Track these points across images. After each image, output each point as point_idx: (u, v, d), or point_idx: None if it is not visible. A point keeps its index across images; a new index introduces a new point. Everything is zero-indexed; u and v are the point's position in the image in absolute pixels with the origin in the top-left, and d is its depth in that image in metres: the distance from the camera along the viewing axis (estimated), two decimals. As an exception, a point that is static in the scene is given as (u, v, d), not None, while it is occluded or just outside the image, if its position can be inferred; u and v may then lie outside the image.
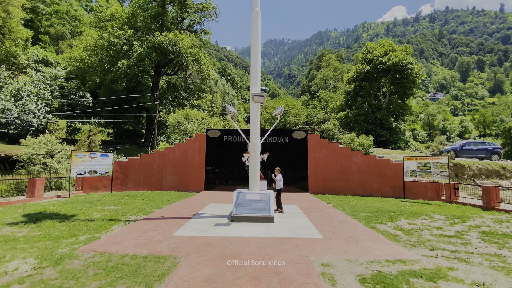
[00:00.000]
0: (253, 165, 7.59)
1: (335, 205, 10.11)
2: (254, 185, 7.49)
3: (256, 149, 7.56)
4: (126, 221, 6.98)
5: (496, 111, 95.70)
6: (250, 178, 7.59)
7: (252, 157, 7.63)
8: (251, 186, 7.53)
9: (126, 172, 14.29)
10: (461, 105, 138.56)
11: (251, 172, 7.59)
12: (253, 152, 7.60)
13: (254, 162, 7.59)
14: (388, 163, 13.78)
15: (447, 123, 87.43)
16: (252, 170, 7.58)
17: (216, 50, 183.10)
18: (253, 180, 7.52)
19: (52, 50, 50.92)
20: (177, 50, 31.23)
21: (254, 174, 7.54)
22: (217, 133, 14.59)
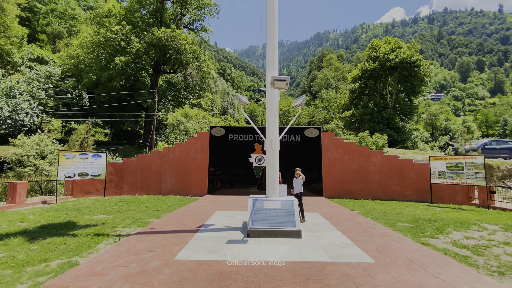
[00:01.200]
0: (271, 166, 6.26)
1: (362, 212, 8.78)
2: (272, 190, 6.16)
3: (274, 147, 6.25)
4: (117, 236, 5.62)
5: (498, 111, 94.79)
6: (268, 181, 6.26)
7: (270, 157, 6.30)
8: (269, 191, 6.19)
9: (121, 175, 12.93)
10: (462, 105, 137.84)
11: (269, 174, 6.26)
12: (270, 151, 6.28)
13: (272, 163, 6.27)
14: (411, 163, 12.47)
15: (450, 123, 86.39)
16: (270, 172, 6.25)
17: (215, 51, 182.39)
18: (271, 184, 6.19)
19: (49, 49, 49.61)
20: (176, 47, 29.93)
21: (273, 177, 6.22)
22: (221, 131, 13.25)
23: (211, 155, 13.10)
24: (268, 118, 6.43)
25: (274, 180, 6.22)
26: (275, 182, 6.22)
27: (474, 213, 9.03)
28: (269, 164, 6.30)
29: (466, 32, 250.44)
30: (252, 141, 13.13)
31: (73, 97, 35.40)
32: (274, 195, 6.16)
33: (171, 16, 36.44)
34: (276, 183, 6.22)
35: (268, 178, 6.29)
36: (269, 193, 6.20)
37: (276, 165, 6.28)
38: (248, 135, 13.17)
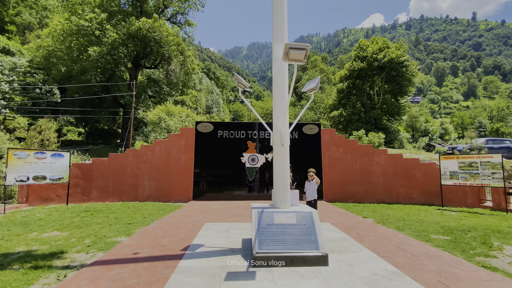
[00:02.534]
0: (280, 167, 4.78)
1: (378, 220, 7.51)
2: (283, 199, 4.67)
3: (284, 141, 4.77)
4: (63, 269, 3.88)
5: (473, 113, 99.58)
6: (277, 186, 4.76)
7: (279, 154, 4.81)
8: (278, 200, 4.70)
9: (89, 178, 10.91)
10: (438, 108, 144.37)
11: (278, 177, 4.77)
12: (279, 146, 4.79)
13: (281, 162, 4.78)
14: (418, 163, 11.49)
15: (429, 125, 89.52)
16: (279, 174, 4.76)
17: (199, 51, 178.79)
18: (281, 191, 4.70)
19: (18, 41, 45.27)
20: (158, 39, 27.78)
21: (282, 180, 4.73)
22: (209, 127, 11.60)
23: (197, 155, 11.40)
24: (276, 103, 4.95)
25: (285, 184, 4.74)
26: (286, 187, 4.74)
27: (497, 218, 8.06)
28: (278, 164, 4.82)
29: (441, 38, 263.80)
30: (245, 139, 11.60)
31: (42, 92, 32.14)
32: (285, 204, 4.67)
33: (153, 7, 34.10)
34: (287, 189, 4.74)
35: (276, 182, 4.80)
36: (278, 201, 4.70)
37: (286, 165, 4.80)
38: (240, 131, 11.62)
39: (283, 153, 4.81)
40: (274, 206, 4.79)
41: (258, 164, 11.48)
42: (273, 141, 4.90)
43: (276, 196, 4.75)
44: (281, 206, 4.67)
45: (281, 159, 4.80)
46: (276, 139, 4.83)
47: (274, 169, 4.88)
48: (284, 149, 4.81)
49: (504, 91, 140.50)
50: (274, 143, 4.88)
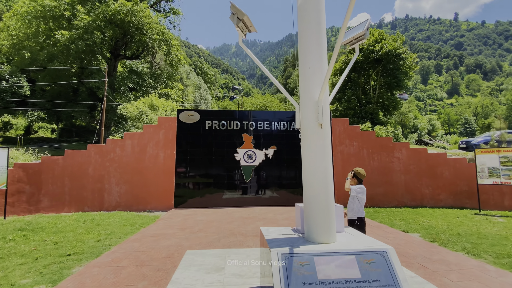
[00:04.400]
0: (318, 163, 2.64)
1: (425, 235, 5.54)
2: (324, 222, 2.54)
3: (324, 118, 2.62)
4: None
5: (459, 110, 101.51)
6: (311, 199, 2.63)
7: (315, 142, 2.67)
8: (314, 225, 2.56)
9: (38, 182, 8.40)
10: (424, 105, 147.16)
11: (314, 183, 2.63)
12: (315, 128, 2.66)
13: (320, 155, 2.64)
14: (445, 159, 9.70)
15: (417, 122, 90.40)
16: (317, 177, 2.62)
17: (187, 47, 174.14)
18: (321, 208, 2.57)
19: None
20: (139, 25, 24.97)
21: (324, 188, 2.60)
22: (194, 116, 9.32)
23: (179, 151, 9.12)
24: (306, 55, 2.80)
25: (327, 197, 2.61)
26: (329, 201, 2.61)
27: None
28: (314, 159, 2.68)
29: (425, 38, 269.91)
30: (239, 131, 9.41)
31: (9, 85, 28.54)
32: (328, 233, 2.55)
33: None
34: (330, 205, 2.61)
35: (310, 192, 2.67)
36: (315, 228, 2.57)
37: (327, 161, 2.67)
38: (234, 122, 9.42)
39: (322, 140, 2.67)
40: (306, 236, 2.67)
41: (255, 162, 9.34)
42: (302, 120, 2.76)
43: (311, 218, 2.62)
44: (322, 238, 2.54)
45: (319, 150, 2.66)
46: (309, 116, 2.69)
47: (306, 169, 2.75)
48: (323, 133, 2.67)
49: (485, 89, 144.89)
50: (304, 124, 2.74)
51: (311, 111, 2.68)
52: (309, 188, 2.69)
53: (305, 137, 2.75)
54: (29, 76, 27.99)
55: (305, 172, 2.75)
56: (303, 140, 2.78)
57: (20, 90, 28.99)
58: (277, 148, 9.47)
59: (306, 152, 2.74)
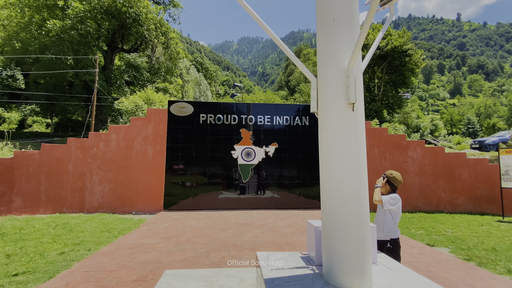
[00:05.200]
0: (347, 162, 1.72)
1: (455, 250, 4.63)
2: (361, 258, 1.65)
3: (357, 96, 1.71)
4: None
5: (461, 110, 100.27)
6: (335, 217, 1.73)
7: (343, 129, 1.75)
8: (343, 261, 1.67)
9: (10, 179, 7.50)
10: (426, 105, 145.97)
11: (342, 192, 1.73)
12: (344, 110, 1.74)
13: (349, 149, 1.73)
14: (464, 159, 8.78)
15: (420, 121, 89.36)
16: (345, 182, 1.72)
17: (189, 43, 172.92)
18: (349, 231, 1.67)
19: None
20: (136, 16, 23.97)
21: (356, 199, 1.69)
22: (187, 108, 8.39)
23: (170, 147, 8.20)
24: (330, 2, 1.86)
25: (361, 215, 1.70)
26: (363, 221, 1.70)
27: None
28: (337, 161, 1.75)
29: (428, 37, 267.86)
30: (237, 125, 8.49)
31: (3, 77, 27.66)
32: (361, 274, 1.64)
33: (130, -18, 29.95)
34: (365, 228, 1.70)
35: (331, 208, 1.75)
36: (339, 263, 1.66)
37: (362, 163, 1.75)
38: (231, 115, 8.49)
39: (354, 129, 1.75)
40: (325, 273, 1.76)
41: (255, 161, 8.42)
42: (322, 100, 1.84)
43: (335, 246, 1.70)
44: (352, 281, 1.62)
45: (349, 143, 1.74)
46: (334, 93, 1.76)
47: (327, 172, 1.82)
48: (355, 119, 1.75)
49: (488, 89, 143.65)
50: (326, 106, 1.81)
51: (337, 85, 1.75)
52: (331, 201, 1.78)
53: (326, 124, 1.83)
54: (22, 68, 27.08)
55: (326, 176, 1.82)
56: (323, 129, 1.86)
57: (15, 82, 28.10)
58: (278, 146, 8.55)
59: (328, 147, 1.82)
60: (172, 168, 8.15)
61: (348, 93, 1.70)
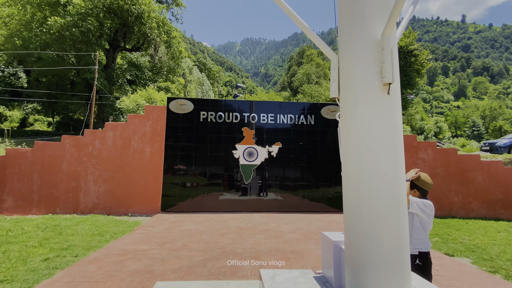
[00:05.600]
0: (388, 165, 1.33)
1: (478, 261, 4.20)
2: (398, 284, 1.25)
3: (394, 76, 1.31)
4: None
5: (466, 113, 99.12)
6: (352, 230, 1.34)
7: (375, 122, 1.35)
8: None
9: (2, 178, 7.18)
10: (430, 107, 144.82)
11: (375, 203, 1.33)
12: (377, 92, 1.35)
13: (391, 148, 1.33)
14: (478, 162, 8.32)
15: (424, 123, 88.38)
16: (385, 193, 1.32)
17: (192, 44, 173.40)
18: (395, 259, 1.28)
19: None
20: (138, 13, 23.74)
21: (396, 214, 1.30)
22: (187, 105, 8.02)
23: (169, 145, 7.83)
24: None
25: (400, 231, 1.30)
26: (402, 239, 1.30)
27: None
28: (367, 160, 1.35)
29: (432, 39, 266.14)
30: (239, 124, 8.11)
31: (5, 75, 27.62)
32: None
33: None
34: (404, 247, 1.30)
35: (358, 221, 1.35)
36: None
37: (400, 162, 1.34)
38: (233, 113, 8.11)
39: (391, 117, 1.34)
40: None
41: (257, 161, 8.03)
42: (346, 80, 1.43)
43: (365, 271, 1.30)
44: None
45: (385, 137, 1.33)
46: (362, 70, 1.36)
47: (353, 175, 1.41)
48: (391, 104, 1.34)
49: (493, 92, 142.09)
50: (352, 87, 1.41)
51: (367, 61, 1.36)
52: (359, 211, 1.37)
53: (352, 112, 1.43)
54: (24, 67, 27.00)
55: (352, 180, 1.42)
56: (347, 119, 1.46)
57: (17, 81, 28.00)
58: (282, 145, 8.15)
59: (355, 142, 1.42)
60: (171, 168, 7.78)
61: (382, 70, 1.31)
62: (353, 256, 1.37)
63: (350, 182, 1.42)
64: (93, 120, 31.97)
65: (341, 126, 1.52)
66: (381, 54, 1.32)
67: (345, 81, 1.47)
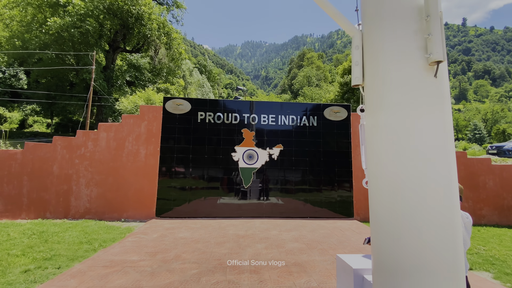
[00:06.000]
0: (439, 170, 0.97)
1: (499, 275, 3.83)
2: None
3: (443, 49, 0.96)
4: None
5: (467, 116, 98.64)
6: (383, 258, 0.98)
7: (419, 114, 1.00)
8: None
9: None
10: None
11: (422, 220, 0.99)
12: (416, 79, 1.00)
13: (441, 148, 0.98)
14: (489, 166, 7.95)
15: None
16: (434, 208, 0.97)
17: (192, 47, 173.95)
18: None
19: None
20: (138, 14, 23.55)
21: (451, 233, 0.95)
22: (184, 105, 7.69)
23: (165, 147, 7.49)
24: None
25: (455, 255, 0.94)
26: (458, 265, 0.94)
27: None
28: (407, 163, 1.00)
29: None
30: (239, 125, 7.76)
31: (6, 77, 27.43)
32: None
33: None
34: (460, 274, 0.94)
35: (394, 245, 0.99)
36: None
37: (452, 166, 0.99)
38: (232, 114, 7.77)
39: (440, 108, 0.98)
40: None
41: (257, 164, 7.68)
42: (379, 59, 1.08)
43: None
44: None
45: (430, 128, 0.98)
46: (402, 45, 1.01)
47: (382, 179, 1.05)
48: (439, 87, 0.99)
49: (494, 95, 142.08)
50: (387, 68, 1.06)
51: (404, 33, 1.00)
52: (397, 238, 1.01)
53: (382, 103, 1.07)
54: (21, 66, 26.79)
55: (383, 192, 1.06)
56: (375, 112, 1.11)
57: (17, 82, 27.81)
58: (283, 148, 7.80)
59: (387, 143, 1.06)
60: (167, 170, 7.43)
61: (428, 45, 0.96)
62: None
63: (381, 194, 1.06)
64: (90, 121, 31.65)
65: (368, 121, 1.17)
66: (426, 24, 0.97)
67: (373, 63, 1.13)
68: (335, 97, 35.39)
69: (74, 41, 22.01)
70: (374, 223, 1.11)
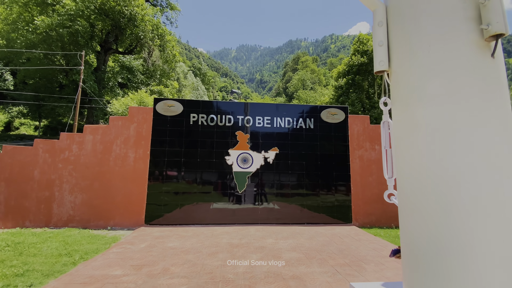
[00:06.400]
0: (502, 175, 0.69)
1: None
2: None
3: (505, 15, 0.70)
4: None
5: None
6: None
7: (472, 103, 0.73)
8: None
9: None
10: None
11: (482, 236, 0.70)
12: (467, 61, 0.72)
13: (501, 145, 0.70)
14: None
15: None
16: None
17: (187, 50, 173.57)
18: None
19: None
20: (130, 15, 23.15)
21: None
22: (176, 107, 7.36)
23: (155, 151, 7.13)
24: None
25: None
26: None
27: None
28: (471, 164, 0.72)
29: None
30: (233, 127, 7.47)
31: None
32: None
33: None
34: None
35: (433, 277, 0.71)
36: None
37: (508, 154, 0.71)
38: (226, 116, 7.48)
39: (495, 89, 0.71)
40: None
41: (252, 168, 7.38)
42: (412, 37, 0.80)
43: None
44: None
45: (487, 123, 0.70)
46: (446, 16, 0.73)
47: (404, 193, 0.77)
48: (496, 70, 0.72)
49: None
50: (426, 47, 0.78)
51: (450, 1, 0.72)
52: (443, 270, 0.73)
53: (420, 93, 0.79)
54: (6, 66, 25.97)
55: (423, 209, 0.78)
56: (410, 104, 0.82)
57: (3, 83, 26.94)
58: (279, 151, 7.53)
59: (430, 143, 0.78)
60: (157, 175, 7.06)
61: (483, 14, 0.70)
62: None
63: (422, 214, 0.78)
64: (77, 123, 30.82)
65: (398, 118, 0.90)
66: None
67: (403, 42, 0.86)
68: (330, 100, 35.52)
69: (63, 41, 21.45)
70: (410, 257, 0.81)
